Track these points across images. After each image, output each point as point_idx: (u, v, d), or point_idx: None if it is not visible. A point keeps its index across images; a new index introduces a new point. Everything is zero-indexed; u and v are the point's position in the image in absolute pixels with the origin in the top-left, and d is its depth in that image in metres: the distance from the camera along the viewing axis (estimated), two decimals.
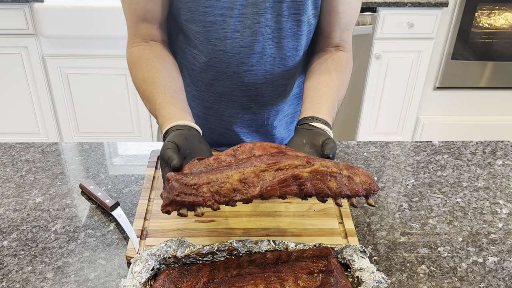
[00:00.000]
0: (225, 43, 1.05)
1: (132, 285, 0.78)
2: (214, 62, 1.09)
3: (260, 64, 1.08)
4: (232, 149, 0.84)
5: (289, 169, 0.76)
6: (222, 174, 0.76)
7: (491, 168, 1.20)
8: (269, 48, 1.07)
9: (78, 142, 1.26)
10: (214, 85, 1.13)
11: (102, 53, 2.40)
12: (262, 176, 0.76)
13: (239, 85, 1.11)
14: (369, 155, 1.23)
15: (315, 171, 0.77)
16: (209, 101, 1.16)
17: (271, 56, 1.08)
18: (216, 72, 1.10)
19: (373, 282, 0.79)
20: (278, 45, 1.07)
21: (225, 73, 1.10)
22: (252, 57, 1.07)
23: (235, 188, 0.75)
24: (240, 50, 1.06)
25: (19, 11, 2.27)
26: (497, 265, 0.92)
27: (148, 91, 0.98)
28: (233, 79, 1.11)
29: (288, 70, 1.12)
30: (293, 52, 1.09)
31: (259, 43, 1.05)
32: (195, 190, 0.73)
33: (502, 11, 2.44)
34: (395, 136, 2.78)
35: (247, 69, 1.09)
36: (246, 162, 0.79)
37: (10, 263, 0.89)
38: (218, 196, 0.74)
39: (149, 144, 1.27)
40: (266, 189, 0.74)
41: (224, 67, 1.09)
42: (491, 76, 2.61)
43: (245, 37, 1.04)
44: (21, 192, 1.07)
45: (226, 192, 0.74)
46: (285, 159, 0.78)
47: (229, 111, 1.17)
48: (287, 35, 1.06)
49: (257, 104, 1.16)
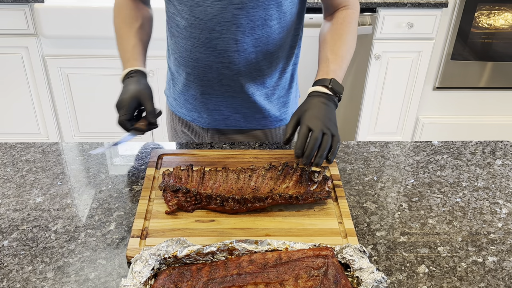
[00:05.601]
0: (198, 10, 1.13)
1: (132, 284, 0.78)
2: (191, 28, 1.17)
3: (230, 32, 1.15)
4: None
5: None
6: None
7: (491, 168, 1.20)
8: (238, 17, 1.13)
9: (79, 142, 1.27)
10: (192, 51, 1.21)
11: (102, 53, 2.41)
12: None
13: (213, 51, 1.19)
14: (369, 155, 1.24)
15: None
16: (189, 67, 1.24)
17: (241, 25, 1.14)
18: (193, 38, 1.18)
19: (372, 281, 0.79)
20: (247, 15, 1.13)
21: (200, 39, 1.17)
22: (222, 25, 1.14)
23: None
24: (211, 17, 1.13)
25: (19, 11, 2.27)
26: (496, 265, 0.92)
27: (120, 40, 1.26)
28: (207, 46, 1.18)
29: (258, 39, 1.17)
30: (261, 22, 1.15)
31: (228, 12, 1.12)
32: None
33: (501, 11, 2.44)
34: (395, 136, 2.78)
35: (218, 36, 1.16)
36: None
37: (10, 263, 0.89)
38: None
39: (149, 144, 1.27)
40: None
41: (199, 33, 1.17)
42: (491, 76, 2.61)
43: (215, 5, 1.12)
44: (21, 192, 1.07)
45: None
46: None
47: (207, 76, 1.24)
48: (255, 5, 1.12)
49: (231, 72, 1.22)
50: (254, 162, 1.15)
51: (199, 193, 1.00)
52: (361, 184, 1.13)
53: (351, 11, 1.22)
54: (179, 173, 1.05)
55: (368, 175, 1.16)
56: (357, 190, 1.11)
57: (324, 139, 1.01)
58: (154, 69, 2.43)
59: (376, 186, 1.12)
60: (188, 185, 1.02)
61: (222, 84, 1.25)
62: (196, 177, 1.04)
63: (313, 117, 1.04)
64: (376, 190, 1.11)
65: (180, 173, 1.05)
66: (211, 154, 1.18)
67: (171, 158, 1.16)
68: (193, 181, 1.03)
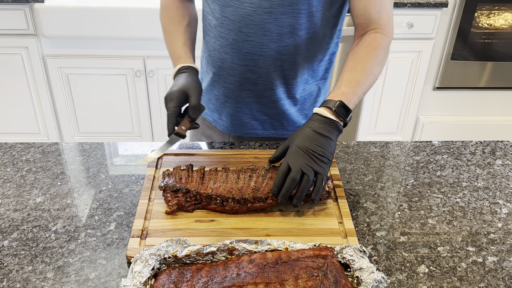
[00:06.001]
0: (229, 10, 1.13)
1: (132, 284, 0.78)
2: (220, 28, 1.17)
3: (256, 36, 1.14)
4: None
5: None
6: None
7: (491, 168, 1.20)
8: (266, 22, 1.11)
9: (79, 142, 1.27)
10: (219, 51, 1.21)
11: (102, 53, 2.41)
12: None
13: (238, 53, 1.18)
14: (369, 155, 1.24)
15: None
16: (215, 67, 1.25)
17: (268, 30, 1.13)
18: (221, 38, 1.18)
19: (372, 281, 0.79)
20: (276, 20, 1.11)
21: (227, 40, 1.17)
22: (250, 27, 1.13)
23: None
24: (240, 19, 1.13)
25: (19, 11, 2.27)
26: (496, 265, 0.92)
27: (169, 38, 1.26)
28: (233, 47, 1.17)
29: (285, 47, 1.15)
30: (290, 29, 1.13)
31: (257, 15, 1.11)
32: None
33: (501, 11, 2.44)
34: (395, 136, 2.78)
35: (245, 39, 1.15)
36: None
37: (10, 263, 0.89)
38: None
39: (149, 144, 1.27)
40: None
41: (227, 34, 1.16)
42: (491, 76, 2.61)
43: (244, 7, 1.11)
44: (21, 192, 1.07)
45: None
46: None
47: (230, 79, 1.23)
48: (284, 11, 1.10)
49: (254, 75, 1.21)
50: (254, 162, 1.15)
51: (199, 193, 1.00)
52: (361, 184, 1.13)
53: (380, 36, 1.12)
54: (179, 173, 1.05)
55: (368, 175, 1.16)
56: (357, 190, 1.11)
57: (303, 179, 0.95)
58: (154, 69, 2.43)
59: (376, 186, 1.12)
60: (188, 185, 1.02)
61: (243, 89, 1.23)
62: (196, 177, 1.04)
63: (296, 153, 0.97)
64: (376, 190, 1.11)
65: (180, 173, 1.05)
66: (211, 154, 1.18)
67: (171, 158, 1.16)
68: (193, 181, 1.03)
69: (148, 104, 2.56)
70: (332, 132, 1.00)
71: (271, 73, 1.20)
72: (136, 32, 2.31)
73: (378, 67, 1.11)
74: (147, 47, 2.38)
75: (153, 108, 2.57)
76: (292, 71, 1.21)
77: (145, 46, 2.37)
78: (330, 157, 0.99)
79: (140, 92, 2.51)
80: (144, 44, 2.37)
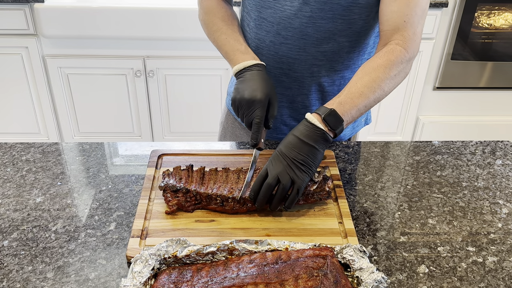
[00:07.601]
0: (268, 12, 1.12)
1: (132, 284, 0.78)
2: (257, 29, 1.16)
3: (294, 39, 1.13)
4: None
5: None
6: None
7: (491, 168, 1.20)
8: (305, 25, 1.10)
9: (79, 142, 1.27)
10: (256, 52, 1.19)
11: (102, 53, 2.41)
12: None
13: (274, 56, 1.17)
14: (369, 155, 1.24)
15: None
16: None
17: (306, 34, 1.11)
18: (258, 39, 1.18)
19: (372, 281, 0.79)
20: (315, 25, 1.10)
21: (264, 41, 1.16)
22: (289, 30, 1.12)
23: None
24: (279, 21, 1.12)
25: (19, 11, 2.27)
26: (496, 265, 0.92)
27: (224, 36, 1.18)
28: (270, 49, 1.17)
29: (323, 52, 1.14)
30: (329, 35, 1.11)
31: (296, 19, 1.10)
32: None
33: (501, 11, 2.44)
34: (395, 136, 2.78)
35: (282, 42, 1.14)
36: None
37: (10, 263, 0.89)
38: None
39: (149, 144, 1.27)
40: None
41: (264, 35, 1.16)
42: (491, 76, 2.61)
43: (285, 10, 1.10)
44: (21, 192, 1.07)
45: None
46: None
47: None
48: (324, 16, 1.09)
49: (288, 79, 1.20)
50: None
51: (199, 193, 1.00)
52: (361, 184, 1.13)
53: (400, 49, 1.04)
54: (179, 173, 1.05)
55: (368, 175, 1.16)
56: (357, 190, 1.11)
57: (279, 187, 0.95)
58: (154, 69, 2.43)
59: (376, 186, 1.12)
60: (188, 185, 1.02)
61: (276, 93, 1.19)
62: (196, 177, 1.04)
63: (275, 159, 0.96)
64: (376, 190, 1.11)
65: (180, 173, 1.05)
66: (211, 154, 1.18)
67: (171, 158, 1.16)
68: (193, 181, 1.03)
69: (148, 104, 2.56)
70: (318, 141, 0.96)
71: (306, 78, 1.18)
72: (136, 32, 2.31)
73: (389, 81, 1.03)
74: (147, 47, 2.38)
75: (153, 108, 2.57)
76: (329, 78, 1.19)
77: (145, 46, 2.37)
78: (313, 167, 0.96)
79: (140, 92, 2.51)
80: (144, 44, 2.37)
